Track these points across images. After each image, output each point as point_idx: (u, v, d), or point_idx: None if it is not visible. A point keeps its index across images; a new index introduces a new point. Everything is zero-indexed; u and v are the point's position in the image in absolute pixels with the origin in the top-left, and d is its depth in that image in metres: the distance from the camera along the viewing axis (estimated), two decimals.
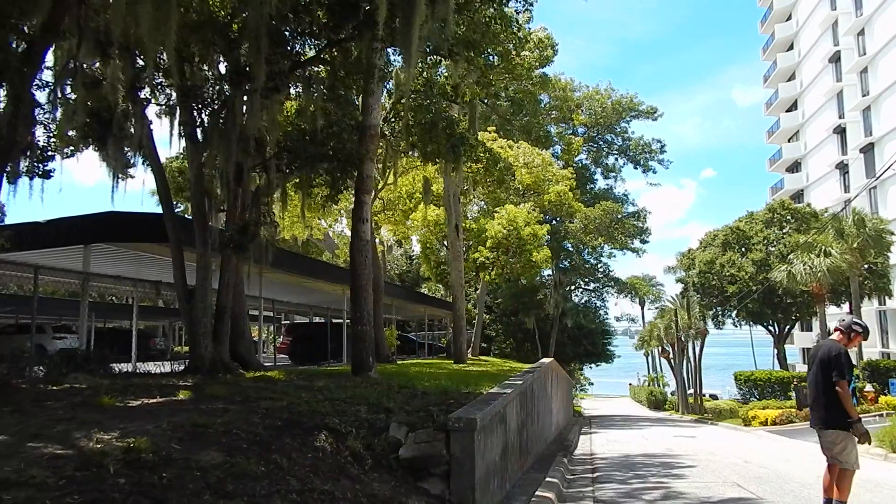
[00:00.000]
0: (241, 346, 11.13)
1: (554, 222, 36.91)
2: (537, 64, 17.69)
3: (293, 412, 5.55)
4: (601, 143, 45.61)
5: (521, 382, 9.63)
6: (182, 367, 10.34)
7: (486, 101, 17.77)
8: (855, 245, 31.38)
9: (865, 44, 47.36)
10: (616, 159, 46.19)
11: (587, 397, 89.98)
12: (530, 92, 17.16)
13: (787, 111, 62.09)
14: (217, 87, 10.52)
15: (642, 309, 73.59)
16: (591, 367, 59.82)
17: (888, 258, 37.17)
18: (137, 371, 10.29)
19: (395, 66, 12.68)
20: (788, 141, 62.37)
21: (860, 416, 6.77)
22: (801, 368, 50.56)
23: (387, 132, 12.94)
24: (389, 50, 11.79)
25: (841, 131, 51.99)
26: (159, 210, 11.24)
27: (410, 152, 14.02)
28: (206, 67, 10.36)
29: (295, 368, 14.33)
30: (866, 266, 35.61)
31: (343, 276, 21.65)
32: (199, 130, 10.52)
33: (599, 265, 40.45)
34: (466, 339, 20.98)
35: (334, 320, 25.87)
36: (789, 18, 61.48)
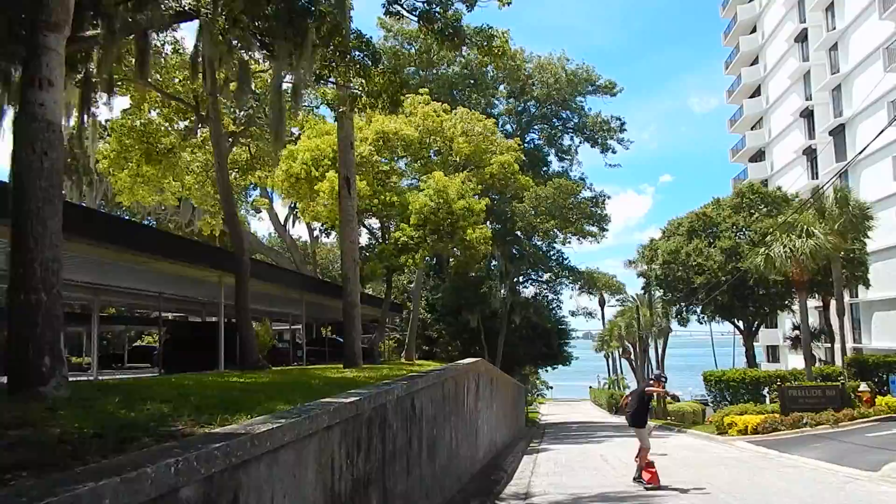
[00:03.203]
0: None
1: (503, 206, 32.20)
2: None
3: None
4: (555, 120, 41.15)
5: (346, 402, 4.73)
6: None
7: None
8: (836, 226, 27.58)
9: (835, 17, 44.23)
10: (572, 138, 41.80)
11: (546, 402, 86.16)
12: None
13: (750, 97, 59.05)
14: None
15: (602, 309, 69.75)
16: (546, 371, 55.47)
17: (866, 245, 33.71)
18: None
19: None
20: (752, 129, 59.39)
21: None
22: (766, 367, 47.14)
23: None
24: None
25: (808, 114, 48.92)
26: None
27: (254, 51, 9.14)
28: None
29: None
30: (841, 254, 31.99)
31: (218, 259, 16.46)
32: None
33: (552, 252, 35.91)
34: (361, 333, 15.98)
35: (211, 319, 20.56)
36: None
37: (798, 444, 18.35)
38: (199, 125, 13.78)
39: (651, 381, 11.88)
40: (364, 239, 29.94)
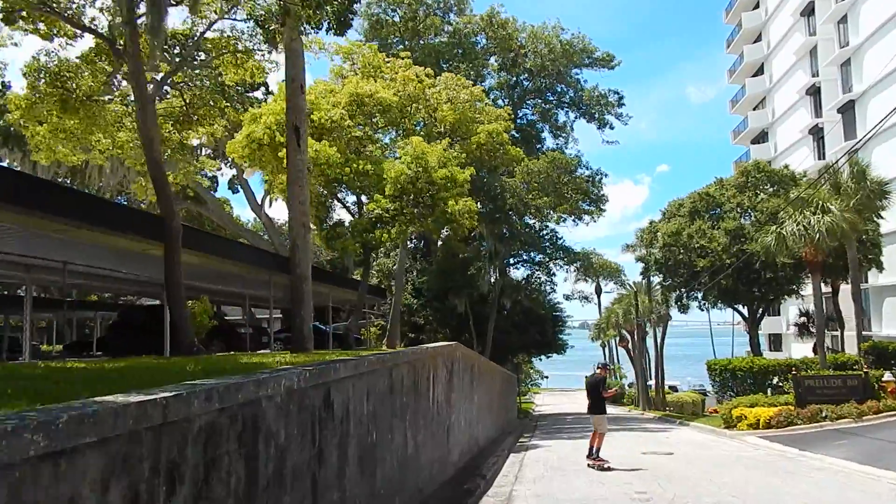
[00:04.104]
0: None
1: (493, 182, 29.80)
2: None
3: None
4: (549, 94, 38.65)
5: (132, 402, 2.47)
6: None
7: None
8: (852, 203, 25.39)
9: None
10: (567, 113, 39.30)
11: (541, 392, 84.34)
12: None
13: (752, 76, 56.78)
14: None
15: (598, 297, 67.73)
16: (540, 360, 53.44)
17: (879, 226, 31.61)
18: None
19: None
20: (754, 109, 57.17)
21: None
22: (768, 356, 45.04)
23: None
24: None
25: (815, 92, 46.73)
26: None
27: None
28: None
29: None
30: (854, 234, 29.83)
31: (157, 228, 14.14)
32: None
33: (545, 231, 33.42)
34: (311, 315, 13.65)
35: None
36: None
37: (820, 440, 16.28)
38: (119, 62, 11.52)
39: (598, 371, 14.01)
40: (342, 216, 27.81)
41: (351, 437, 5.44)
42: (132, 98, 13.37)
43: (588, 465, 12.39)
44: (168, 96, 13.68)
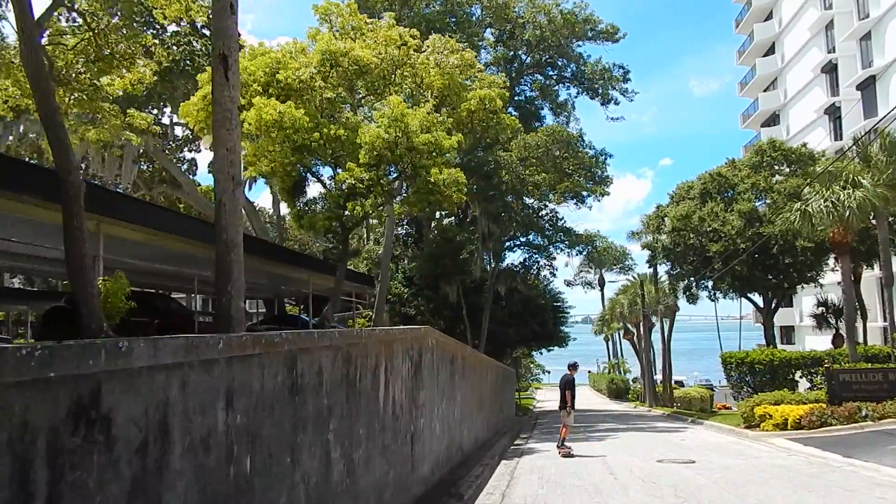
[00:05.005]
0: None
1: (487, 157, 27.25)
2: None
3: None
4: (549, 69, 36.05)
5: None
6: None
7: None
8: (884, 177, 22.94)
9: None
10: (568, 89, 36.65)
11: (543, 387, 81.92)
12: None
13: (763, 56, 54.19)
14: None
15: (602, 288, 65.33)
16: (541, 353, 51.06)
17: None
18: None
19: None
20: (765, 91, 54.61)
21: None
22: (781, 349, 42.63)
23: None
24: None
25: (831, 69, 44.16)
26: None
27: None
28: None
29: None
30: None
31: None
32: None
33: (544, 212, 30.81)
34: (243, 292, 11.07)
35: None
36: None
37: (864, 444, 13.89)
38: None
39: (568, 371, 15.62)
40: (316, 190, 25.52)
41: (175, 475, 3.05)
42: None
43: (558, 453, 14.16)
44: (73, 23, 11.35)
